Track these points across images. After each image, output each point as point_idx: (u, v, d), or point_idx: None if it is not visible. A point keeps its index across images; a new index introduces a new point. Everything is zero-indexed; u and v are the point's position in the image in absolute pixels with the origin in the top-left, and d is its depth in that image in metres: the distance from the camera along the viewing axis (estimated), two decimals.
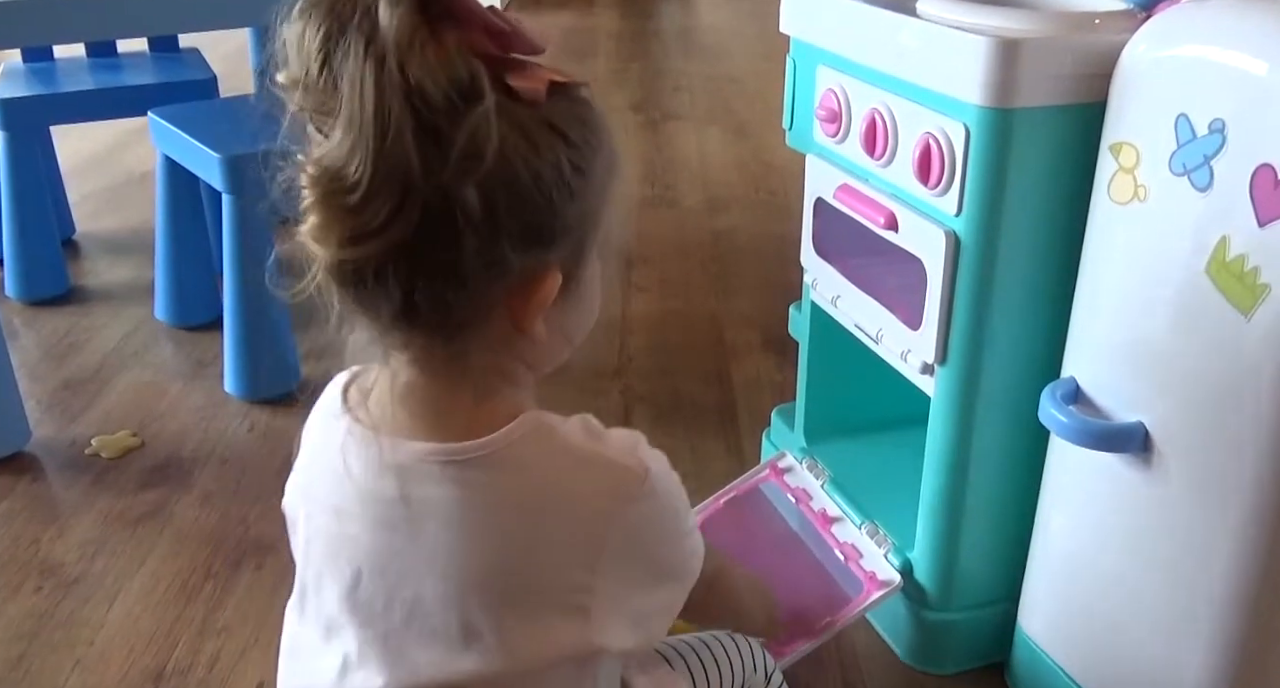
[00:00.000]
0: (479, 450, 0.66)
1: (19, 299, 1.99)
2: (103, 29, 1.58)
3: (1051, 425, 0.94)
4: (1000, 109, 0.88)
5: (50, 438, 1.57)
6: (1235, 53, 0.77)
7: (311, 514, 0.74)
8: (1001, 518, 1.06)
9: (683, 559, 0.74)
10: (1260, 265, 0.76)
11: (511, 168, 0.60)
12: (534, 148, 0.61)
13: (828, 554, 1.15)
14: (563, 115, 0.63)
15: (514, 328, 0.67)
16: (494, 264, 0.62)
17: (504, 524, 0.67)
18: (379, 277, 0.61)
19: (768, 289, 2.00)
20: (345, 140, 0.57)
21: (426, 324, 0.64)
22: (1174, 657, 0.90)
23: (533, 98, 0.61)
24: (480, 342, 0.66)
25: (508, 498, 0.67)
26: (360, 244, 0.59)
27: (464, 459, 0.66)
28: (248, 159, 1.58)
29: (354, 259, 0.60)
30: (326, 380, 0.79)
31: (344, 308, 0.64)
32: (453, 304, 0.63)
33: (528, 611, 0.67)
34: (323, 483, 0.73)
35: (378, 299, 0.62)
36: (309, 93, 0.59)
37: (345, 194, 0.58)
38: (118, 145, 2.83)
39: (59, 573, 1.29)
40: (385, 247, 0.59)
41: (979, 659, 1.13)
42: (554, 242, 0.65)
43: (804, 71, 1.15)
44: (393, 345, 0.67)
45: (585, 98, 0.66)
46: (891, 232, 1.02)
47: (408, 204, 0.58)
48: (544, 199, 0.62)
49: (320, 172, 0.59)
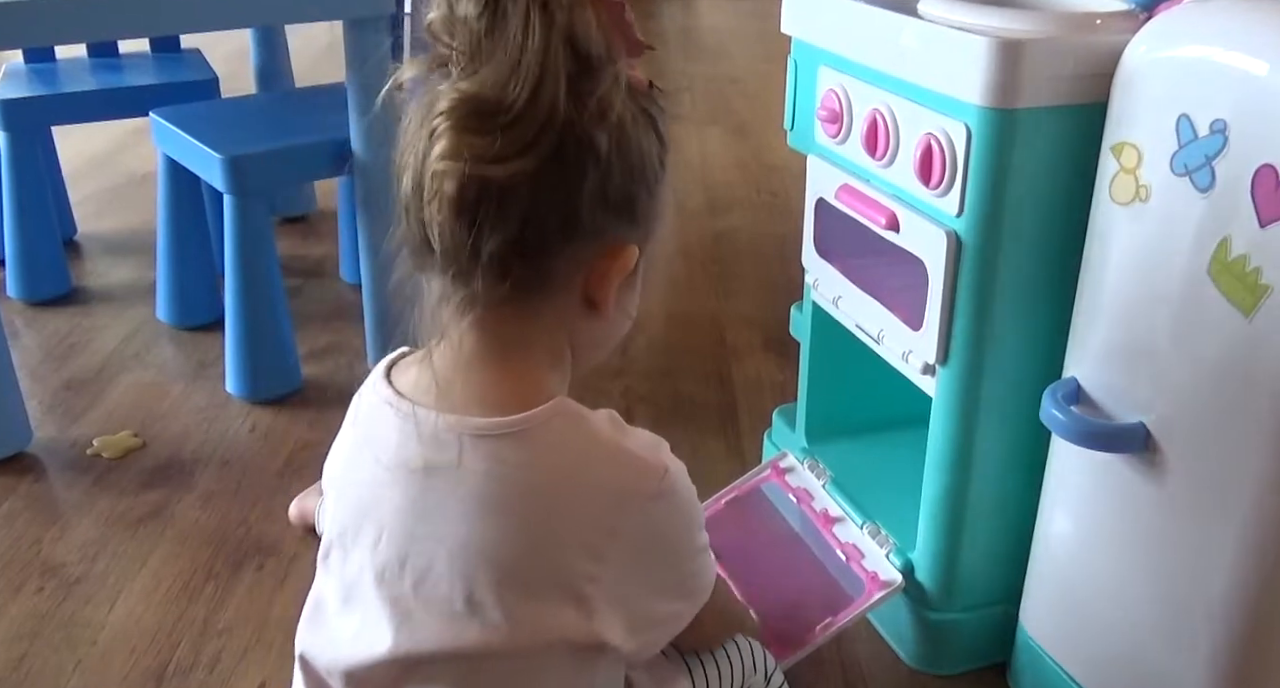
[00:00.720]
0: (509, 428, 0.69)
1: (20, 300, 2.00)
2: (104, 29, 1.58)
3: (1053, 426, 0.94)
4: (1002, 109, 0.88)
5: (52, 439, 1.57)
6: (1236, 53, 0.77)
7: (346, 481, 0.77)
8: (1003, 518, 1.06)
9: (691, 573, 0.75)
10: (1261, 266, 0.76)
11: (626, 135, 0.67)
12: (638, 127, 0.68)
13: (829, 554, 1.15)
14: (655, 109, 0.71)
15: (584, 303, 0.71)
16: (597, 218, 0.68)
17: (520, 502, 0.69)
18: (498, 205, 0.65)
19: (769, 290, 2.00)
20: (502, 71, 0.63)
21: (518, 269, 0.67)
22: (1175, 657, 0.89)
23: (639, 87, 0.69)
24: (551, 309, 0.71)
25: (528, 477, 0.69)
26: (496, 163, 0.64)
27: (494, 435, 0.69)
28: (249, 159, 1.58)
29: (482, 177, 0.64)
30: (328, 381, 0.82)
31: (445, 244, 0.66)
32: (552, 246, 0.68)
33: (532, 590, 0.69)
34: (361, 452, 0.76)
35: (491, 230, 0.65)
36: (466, 30, 0.65)
37: (495, 115, 0.63)
38: (119, 146, 2.83)
39: (60, 574, 1.29)
40: (515, 171, 0.64)
41: (980, 660, 1.13)
42: (638, 220, 0.71)
43: (805, 72, 1.15)
44: (466, 302, 0.69)
45: (664, 107, 0.73)
46: (893, 232, 1.02)
47: (546, 134, 0.64)
48: (642, 174, 0.69)
49: (468, 97, 0.64)
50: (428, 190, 0.65)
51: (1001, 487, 1.04)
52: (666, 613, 0.75)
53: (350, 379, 1.72)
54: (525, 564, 0.69)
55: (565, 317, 0.72)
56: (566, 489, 0.69)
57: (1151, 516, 0.89)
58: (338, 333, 1.87)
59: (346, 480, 0.77)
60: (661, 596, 0.74)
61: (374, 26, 1.54)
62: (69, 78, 2.09)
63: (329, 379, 1.72)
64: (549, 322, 0.72)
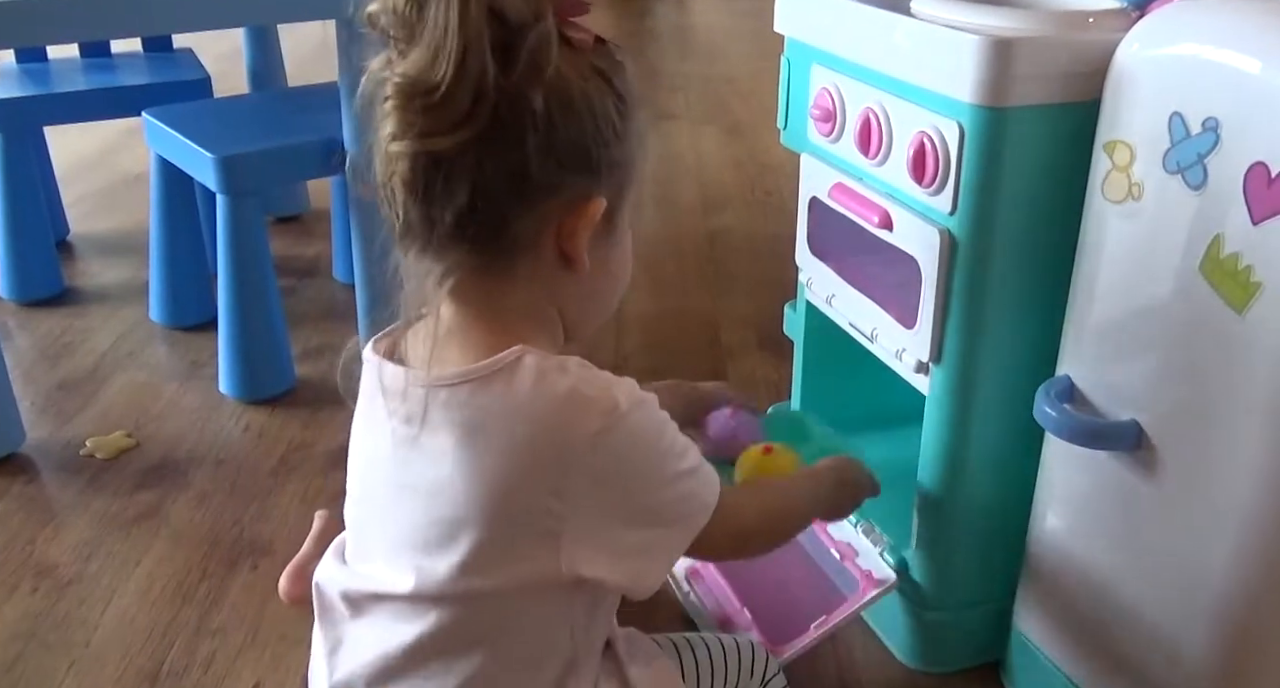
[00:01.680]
0: (468, 376, 0.73)
1: (13, 300, 1.99)
2: (96, 29, 1.57)
3: (1046, 423, 0.94)
4: (994, 108, 0.88)
5: (45, 439, 1.57)
6: (1228, 51, 0.78)
7: (353, 447, 0.84)
8: (997, 516, 1.06)
9: (671, 500, 0.77)
10: (1253, 263, 0.76)
11: (568, 90, 0.70)
12: (584, 81, 0.71)
13: (823, 553, 1.15)
14: (607, 64, 0.73)
15: (560, 260, 0.74)
16: (550, 173, 0.70)
17: (482, 446, 0.72)
18: (448, 175, 0.69)
19: (763, 288, 2.00)
20: (428, 52, 0.66)
21: (483, 231, 0.71)
22: (1170, 655, 0.90)
23: (581, 45, 0.71)
24: (525, 271, 0.74)
25: (485, 421, 0.72)
26: (438, 136, 0.67)
27: (456, 383, 0.73)
28: (242, 159, 1.58)
29: (430, 152, 0.68)
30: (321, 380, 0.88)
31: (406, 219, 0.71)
32: (508, 208, 0.71)
33: (501, 530, 0.72)
34: (363, 417, 0.83)
35: (443, 200, 0.69)
36: (396, 17, 0.68)
37: (428, 94, 0.66)
38: (112, 146, 2.82)
39: (54, 574, 1.29)
40: (459, 140, 0.67)
41: (975, 658, 1.13)
42: (600, 171, 0.73)
43: (798, 71, 1.16)
44: (442, 274, 0.73)
45: (622, 59, 0.75)
46: (886, 231, 1.02)
47: (481, 104, 0.67)
48: (593, 125, 0.71)
49: (404, 79, 0.67)
50: (384, 172, 0.70)
51: (995, 485, 1.05)
52: (647, 541, 0.76)
53: None
54: (489, 507, 0.72)
55: (542, 277, 0.75)
56: (519, 430, 0.72)
57: (1144, 513, 0.89)
58: (331, 332, 1.86)
59: (353, 447, 0.84)
60: (637, 526, 0.75)
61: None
62: (61, 78, 2.09)
63: (322, 379, 1.72)
64: (525, 283, 0.75)
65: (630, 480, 0.74)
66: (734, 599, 1.14)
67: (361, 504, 0.83)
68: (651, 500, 0.76)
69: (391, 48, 0.69)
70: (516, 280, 0.74)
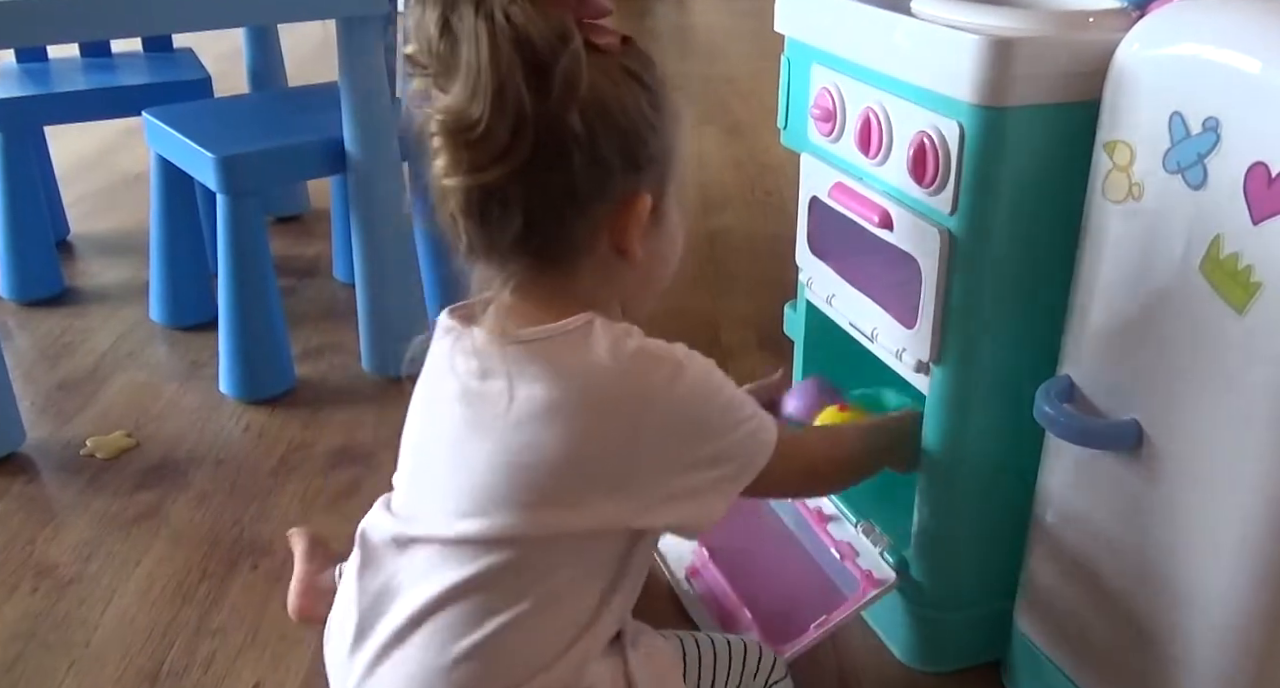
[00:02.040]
0: (540, 335, 0.78)
1: (13, 300, 1.99)
2: (96, 29, 1.57)
3: (1046, 423, 0.94)
4: (994, 108, 0.88)
5: (45, 439, 1.57)
6: (1229, 51, 0.78)
7: (420, 399, 0.88)
8: (997, 516, 1.06)
9: (731, 445, 0.82)
10: (1254, 263, 0.76)
11: (603, 100, 0.73)
12: (616, 86, 0.75)
13: (823, 552, 1.15)
14: (635, 62, 0.77)
15: (615, 254, 0.79)
16: (598, 181, 0.75)
17: (556, 401, 0.77)
18: (502, 202, 0.73)
19: (763, 288, 2.00)
20: (465, 88, 0.70)
21: (541, 249, 0.77)
22: (1172, 655, 0.90)
23: (609, 48, 0.75)
24: (586, 266, 0.79)
25: (559, 377, 0.77)
26: (485, 170, 0.71)
27: (530, 341, 0.78)
28: (242, 159, 1.58)
29: (481, 185, 0.72)
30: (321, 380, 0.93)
31: (469, 242, 0.76)
32: (564, 221, 0.76)
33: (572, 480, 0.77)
34: (429, 377, 0.87)
35: (500, 226, 0.74)
36: (433, 58, 0.72)
37: (469, 130, 0.70)
38: (111, 146, 2.82)
39: (54, 574, 1.29)
40: (507, 171, 0.71)
41: (975, 658, 1.13)
42: (643, 167, 0.77)
43: (798, 71, 1.16)
44: (506, 278, 0.79)
45: (647, 53, 0.79)
46: (886, 230, 1.02)
47: (522, 133, 0.70)
48: (632, 127, 0.76)
49: (446, 117, 0.71)
50: (442, 201, 0.75)
51: (995, 484, 1.05)
52: (711, 481, 0.82)
53: (344, 379, 1.72)
54: (561, 458, 0.77)
55: (600, 270, 0.80)
56: (593, 386, 0.77)
57: (1145, 512, 0.89)
58: (331, 333, 1.86)
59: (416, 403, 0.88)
60: (701, 469, 0.81)
61: (367, 26, 1.54)
62: (61, 78, 2.09)
63: (323, 379, 1.72)
64: (585, 278, 0.80)
65: (696, 428, 0.80)
66: (734, 599, 1.14)
67: (422, 456, 0.87)
68: (715, 446, 0.81)
69: (433, 84, 0.72)
70: (577, 276, 0.80)
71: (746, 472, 0.84)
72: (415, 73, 0.74)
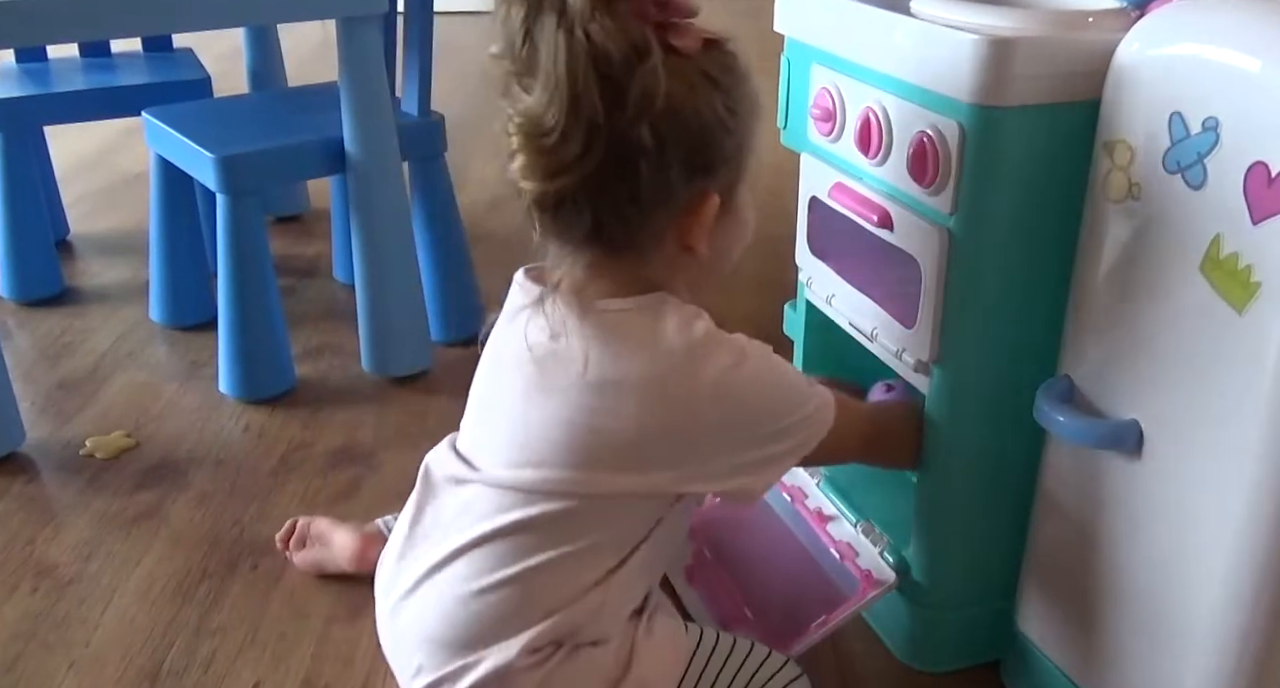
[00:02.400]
0: (609, 306, 0.82)
1: (13, 300, 1.99)
2: (96, 29, 1.57)
3: (1046, 423, 0.94)
4: (994, 107, 0.88)
5: (45, 439, 1.57)
6: (1228, 50, 0.78)
7: (490, 355, 0.92)
8: (997, 516, 1.06)
9: (791, 426, 0.87)
10: (1253, 263, 0.76)
11: (677, 111, 0.75)
12: (694, 92, 0.77)
13: (823, 552, 1.15)
14: (714, 65, 0.79)
15: (681, 249, 0.82)
16: (665, 189, 0.78)
17: (623, 371, 0.80)
18: (573, 203, 0.76)
19: (763, 288, 1.99)
20: (543, 95, 0.72)
21: (610, 243, 0.80)
22: (1172, 656, 0.90)
23: (689, 53, 0.76)
24: (655, 260, 0.82)
25: (628, 348, 0.81)
26: (558, 177, 0.75)
27: (605, 311, 0.82)
28: (242, 159, 1.58)
29: (554, 191, 0.75)
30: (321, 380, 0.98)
31: (542, 232, 0.80)
32: (632, 224, 0.79)
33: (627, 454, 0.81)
34: (503, 333, 0.90)
35: (571, 223, 0.78)
36: (515, 59, 0.74)
37: (544, 137, 0.73)
38: (111, 146, 2.82)
39: (54, 574, 1.29)
40: (578, 178, 0.75)
41: (975, 658, 1.13)
42: (714, 171, 0.81)
43: (798, 70, 1.16)
44: (577, 261, 0.82)
45: (731, 50, 0.81)
46: (886, 230, 1.02)
47: (594, 143, 0.73)
48: (706, 135, 0.78)
49: (524, 120, 0.74)
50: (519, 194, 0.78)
51: (995, 484, 1.05)
52: (767, 456, 0.86)
53: (344, 379, 1.72)
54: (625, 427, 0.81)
55: (667, 261, 0.83)
56: (661, 362, 0.80)
57: (1145, 512, 0.89)
58: (331, 333, 1.86)
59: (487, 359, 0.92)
60: (757, 446, 0.85)
61: (367, 25, 1.54)
62: (61, 78, 2.08)
63: (322, 379, 1.72)
64: (653, 268, 0.84)
65: (758, 410, 0.84)
66: (734, 599, 1.14)
67: (488, 406, 0.91)
68: (776, 425, 0.86)
69: (516, 83, 0.75)
70: (645, 265, 0.83)
71: (804, 447, 0.88)
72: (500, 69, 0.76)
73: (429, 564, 0.89)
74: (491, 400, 0.92)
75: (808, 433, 0.89)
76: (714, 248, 0.85)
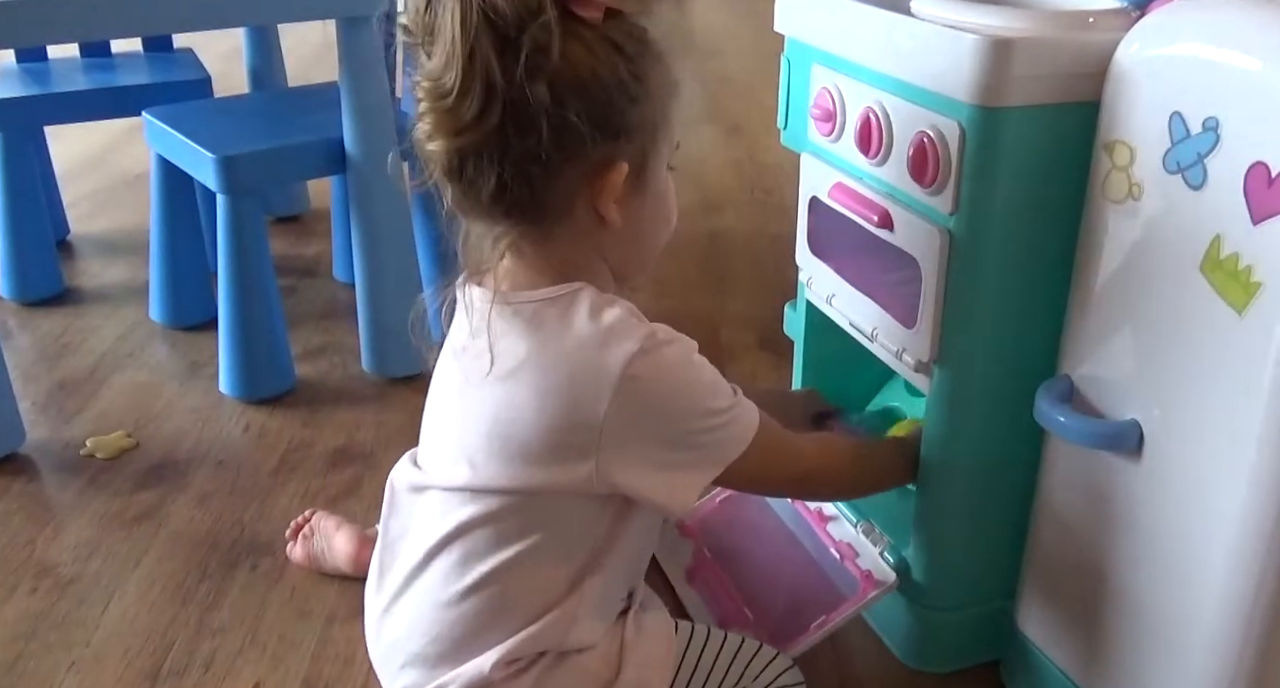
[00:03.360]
0: (532, 299, 0.83)
1: (13, 300, 1.99)
2: (97, 29, 1.57)
3: (1046, 424, 0.94)
4: (994, 108, 0.88)
5: (45, 439, 1.57)
6: (1229, 51, 0.78)
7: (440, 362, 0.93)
8: (997, 516, 1.06)
9: (700, 431, 0.85)
10: (1254, 263, 0.76)
11: (575, 69, 0.76)
12: (592, 54, 0.77)
13: (823, 553, 1.15)
14: (619, 34, 0.78)
15: (594, 218, 0.82)
16: (567, 149, 0.77)
17: (537, 362, 0.81)
18: (476, 165, 0.77)
19: (763, 288, 2.00)
20: (441, 56, 0.74)
21: (518, 205, 0.80)
22: (1172, 656, 0.90)
23: (590, 19, 0.76)
24: (566, 228, 0.82)
25: (542, 340, 0.82)
26: (460, 135, 0.76)
27: (522, 303, 0.83)
28: (242, 159, 1.58)
29: (457, 149, 0.77)
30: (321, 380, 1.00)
31: (454, 203, 0.81)
32: (536, 184, 0.78)
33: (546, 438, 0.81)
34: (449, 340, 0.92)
35: (477, 185, 0.78)
36: (420, 27, 0.76)
37: (444, 97, 0.75)
38: (112, 146, 2.82)
39: (54, 574, 1.29)
40: (479, 136, 0.75)
41: (975, 658, 1.13)
42: (618, 136, 0.80)
43: (798, 71, 1.16)
44: (495, 238, 0.83)
45: (642, 26, 0.81)
46: (886, 230, 1.02)
47: (492, 100, 0.74)
48: (605, 96, 0.78)
49: (428, 83, 0.76)
50: (428, 164, 0.80)
51: (996, 484, 1.05)
52: (678, 461, 0.84)
53: (344, 379, 1.72)
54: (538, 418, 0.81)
55: (581, 234, 0.83)
56: (569, 350, 0.81)
57: (1145, 513, 0.89)
58: (331, 332, 1.86)
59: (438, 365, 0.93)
60: (668, 447, 0.84)
61: (367, 25, 1.54)
62: (61, 78, 2.09)
63: (322, 379, 1.72)
64: (568, 241, 0.83)
65: (664, 402, 0.82)
66: (734, 599, 1.14)
67: (433, 410, 0.94)
68: (683, 426, 0.84)
69: (421, 51, 0.77)
70: (559, 238, 0.83)
71: (716, 460, 0.86)
72: (407, 40, 0.78)
73: (403, 577, 0.91)
74: (434, 402, 0.94)
75: (720, 444, 0.86)
76: (631, 224, 0.84)
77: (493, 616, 0.86)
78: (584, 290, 0.83)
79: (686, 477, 0.85)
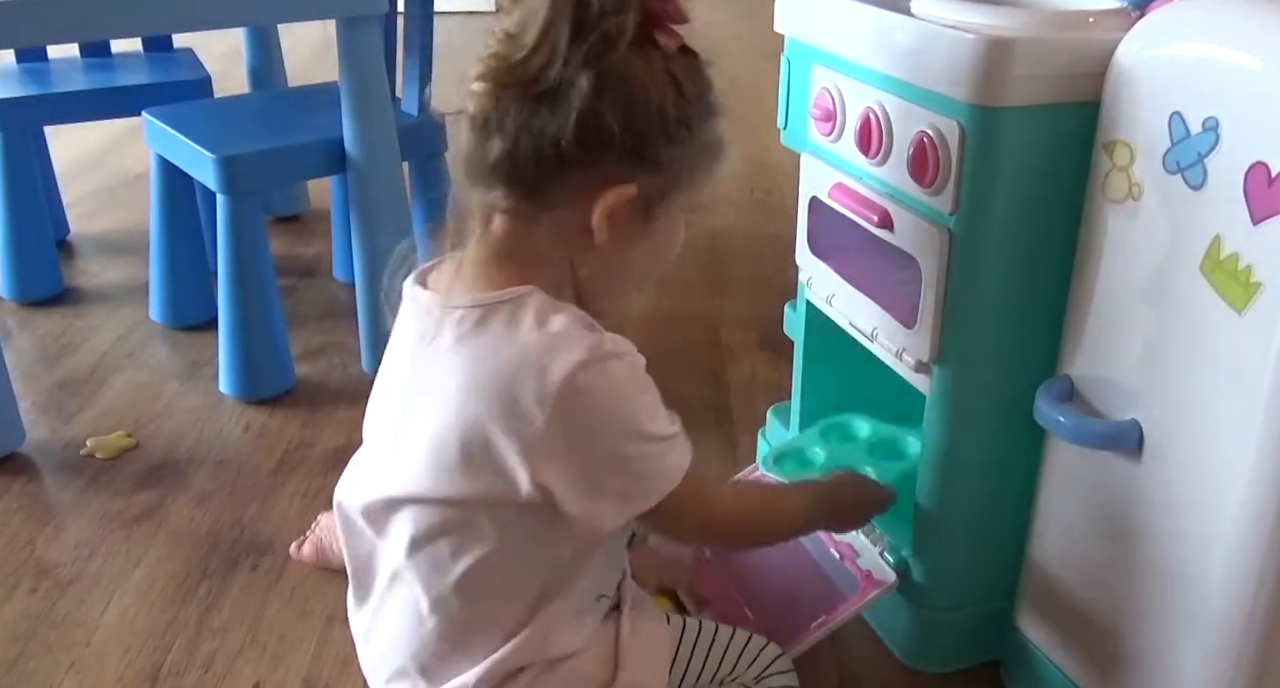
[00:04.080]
0: (479, 302, 0.81)
1: (13, 300, 1.99)
2: (96, 29, 1.57)
3: (1046, 424, 0.94)
4: (994, 108, 0.88)
5: (45, 439, 1.57)
6: (1229, 50, 0.78)
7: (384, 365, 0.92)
8: (997, 516, 1.06)
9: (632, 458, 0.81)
10: (1254, 263, 0.76)
11: (626, 78, 0.76)
12: (651, 74, 0.78)
13: (824, 553, 1.15)
14: (682, 71, 0.80)
15: (583, 225, 0.80)
16: (590, 150, 0.77)
17: (478, 367, 0.79)
18: (501, 123, 0.77)
19: (763, 288, 2.00)
20: (525, 14, 0.75)
21: (518, 179, 0.79)
22: (1171, 656, 0.90)
23: (664, 44, 0.78)
24: (551, 222, 0.81)
25: (486, 344, 0.80)
26: (509, 88, 0.77)
27: (469, 306, 0.81)
28: (242, 159, 1.58)
29: (498, 98, 0.77)
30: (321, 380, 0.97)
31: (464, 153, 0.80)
32: (544, 167, 0.78)
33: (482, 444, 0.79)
34: (395, 341, 0.90)
35: (492, 142, 0.78)
36: None
37: (514, 51, 0.76)
38: (112, 146, 2.82)
39: (54, 574, 1.29)
40: (521, 96, 0.76)
41: (975, 658, 1.13)
42: (642, 162, 0.79)
43: (798, 71, 1.16)
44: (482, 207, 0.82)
45: (709, 78, 0.82)
46: (886, 230, 1.02)
47: (549, 71, 0.75)
48: (646, 118, 0.77)
49: (504, 35, 0.76)
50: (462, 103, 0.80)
51: (996, 484, 1.05)
52: (605, 487, 0.81)
53: (344, 378, 1.72)
54: (477, 422, 0.78)
55: (563, 233, 0.81)
56: (512, 355, 0.78)
57: (1145, 512, 0.89)
58: (331, 332, 1.86)
59: (382, 369, 0.92)
60: (598, 468, 0.80)
61: (367, 25, 1.54)
62: (61, 78, 2.09)
63: (323, 379, 1.72)
64: (546, 233, 0.81)
65: (603, 415, 0.79)
66: (735, 599, 1.13)
67: (379, 417, 0.91)
68: (617, 447, 0.80)
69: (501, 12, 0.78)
70: (540, 227, 0.81)
71: (642, 495, 0.82)
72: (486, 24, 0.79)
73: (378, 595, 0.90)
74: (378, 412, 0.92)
75: (648, 476, 0.82)
76: (616, 249, 0.81)
77: (462, 632, 0.85)
78: (532, 295, 0.80)
79: (612, 506, 0.82)
